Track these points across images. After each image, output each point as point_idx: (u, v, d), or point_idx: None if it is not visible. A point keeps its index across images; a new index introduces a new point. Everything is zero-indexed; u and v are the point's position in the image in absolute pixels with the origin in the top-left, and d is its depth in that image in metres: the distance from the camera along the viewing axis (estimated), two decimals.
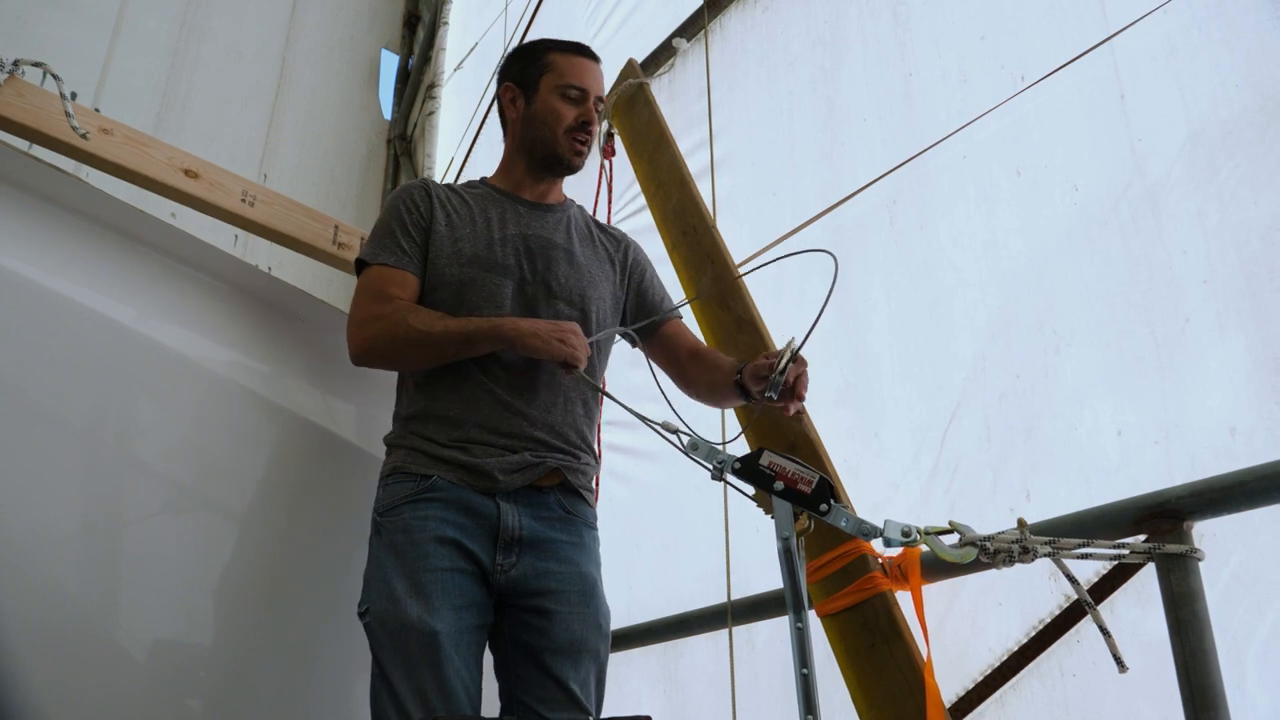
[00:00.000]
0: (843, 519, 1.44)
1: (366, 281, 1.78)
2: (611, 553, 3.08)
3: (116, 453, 1.78)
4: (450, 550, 1.63)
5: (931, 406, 2.23)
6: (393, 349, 1.72)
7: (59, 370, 1.71)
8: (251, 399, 1.94)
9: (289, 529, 1.94)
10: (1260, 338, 1.72)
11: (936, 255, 2.34)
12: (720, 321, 2.62)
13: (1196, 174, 1.87)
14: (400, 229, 1.80)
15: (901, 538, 1.42)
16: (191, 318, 1.91)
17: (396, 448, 1.75)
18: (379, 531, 1.69)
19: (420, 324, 1.68)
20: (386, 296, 1.74)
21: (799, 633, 1.43)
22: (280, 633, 1.91)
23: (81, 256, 1.77)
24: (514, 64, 1.95)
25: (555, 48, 1.93)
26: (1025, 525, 1.43)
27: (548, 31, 4.55)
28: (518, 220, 1.85)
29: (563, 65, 1.89)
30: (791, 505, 1.45)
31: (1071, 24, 2.17)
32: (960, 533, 1.42)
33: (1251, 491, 1.58)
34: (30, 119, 1.75)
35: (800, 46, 2.93)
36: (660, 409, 1.68)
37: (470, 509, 1.66)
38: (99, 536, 1.73)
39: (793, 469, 1.47)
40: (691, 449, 1.57)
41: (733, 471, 1.50)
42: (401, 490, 1.68)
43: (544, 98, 1.87)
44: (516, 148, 1.92)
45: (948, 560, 1.41)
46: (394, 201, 1.86)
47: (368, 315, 1.73)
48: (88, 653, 1.69)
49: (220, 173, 1.99)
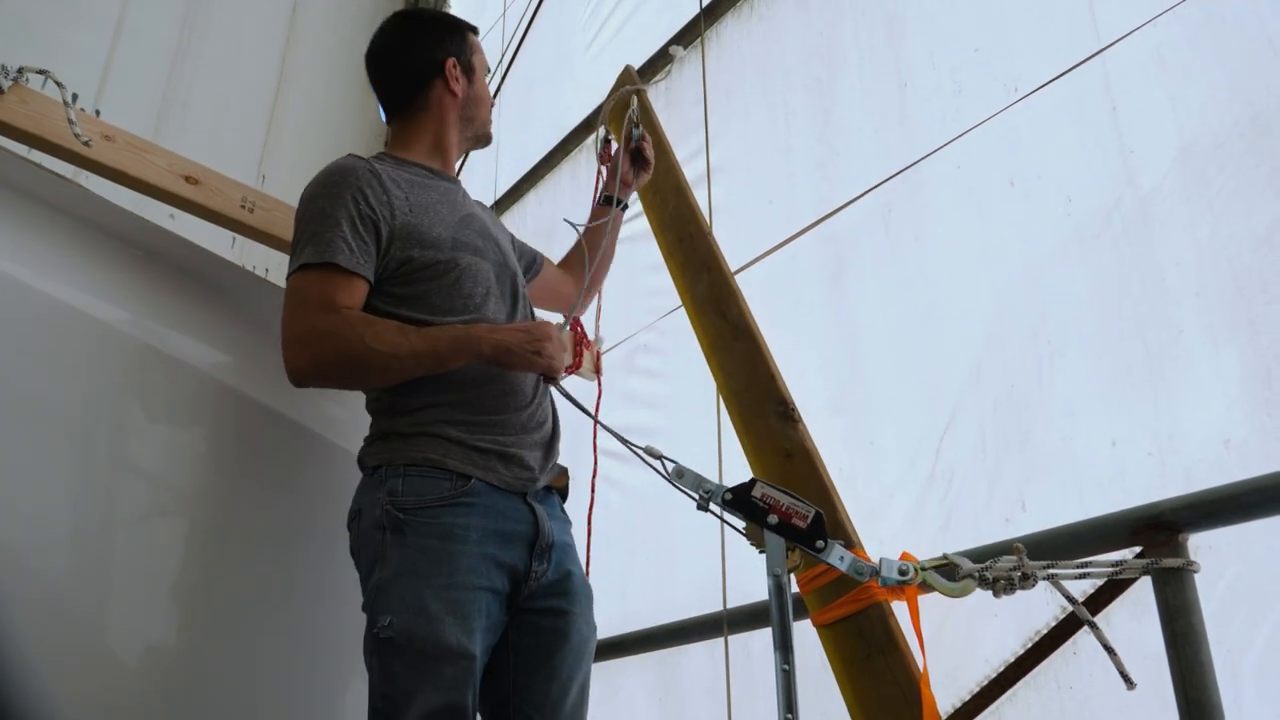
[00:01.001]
0: (838, 557, 1.40)
1: (307, 285, 1.56)
2: (606, 559, 3.09)
3: (111, 456, 1.77)
4: (488, 567, 1.53)
5: (927, 415, 2.23)
6: (347, 371, 1.57)
7: (53, 373, 1.71)
8: (246, 404, 1.94)
9: (285, 532, 1.94)
10: (1253, 349, 1.73)
11: (931, 264, 2.35)
12: (717, 328, 2.63)
13: (1188, 186, 1.88)
14: (349, 221, 1.58)
15: (899, 577, 1.38)
16: (186, 322, 1.91)
17: (417, 436, 1.58)
18: (400, 529, 1.51)
19: (381, 344, 1.52)
20: (333, 306, 1.54)
21: (784, 675, 1.37)
22: (273, 635, 1.90)
23: (76, 260, 1.77)
24: (451, 39, 1.87)
25: (469, 27, 1.93)
26: (1023, 552, 1.39)
27: (546, 37, 4.57)
28: (452, 198, 1.77)
29: (478, 46, 1.93)
30: (785, 541, 1.40)
31: (1063, 37, 2.18)
32: (957, 565, 1.38)
33: (1246, 504, 1.59)
34: (34, 125, 1.74)
35: (796, 56, 2.94)
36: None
37: (506, 515, 1.58)
38: (93, 539, 1.72)
39: (787, 502, 1.41)
40: (676, 477, 1.52)
41: (723, 503, 1.44)
42: (435, 488, 1.54)
43: (479, 79, 1.90)
44: (452, 124, 1.84)
45: (947, 595, 1.37)
46: (337, 187, 1.62)
47: (312, 330, 1.53)
48: (79, 656, 1.68)
49: (220, 179, 2.00)
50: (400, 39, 1.87)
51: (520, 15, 4.79)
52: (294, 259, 1.61)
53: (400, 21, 1.92)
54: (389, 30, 1.90)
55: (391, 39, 1.88)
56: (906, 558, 2.02)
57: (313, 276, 1.56)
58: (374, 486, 1.58)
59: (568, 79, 4.24)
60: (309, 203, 1.65)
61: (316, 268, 1.56)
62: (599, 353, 2.55)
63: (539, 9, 4.65)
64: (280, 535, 1.94)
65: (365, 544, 1.58)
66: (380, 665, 1.50)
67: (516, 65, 4.75)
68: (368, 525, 1.57)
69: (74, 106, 1.76)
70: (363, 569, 1.59)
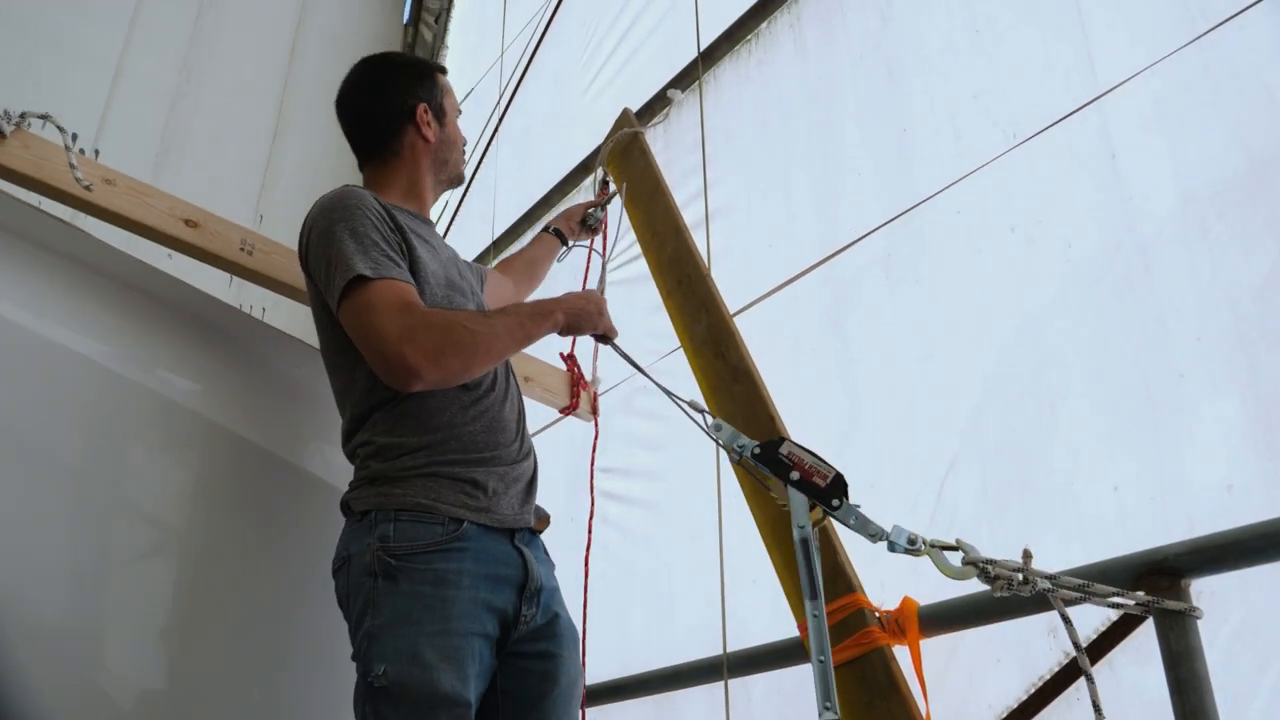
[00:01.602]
0: (851, 517, 1.46)
1: (377, 293, 1.52)
2: (605, 602, 3.06)
3: (107, 497, 1.77)
4: (481, 612, 1.52)
5: (928, 459, 2.23)
6: (461, 356, 1.53)
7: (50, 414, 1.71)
8: (242, 445, 1.94)
9: (281, 574, 1.93)
10: (1255, 395, 1.73)
11: (932, 308, 2.35)
12: (716, 370, 2.63)
13: (1188, 233, 1.90)
14: (384, 240, 1.60)
15: (907, 544, 1.42)
16: (183, 363, 1.91)
17: (409, 478, 1.56)
18: (392, 576, 1.49)
19: (478, 325, 1.56)
20: (412, 306, 1.53)
21: (815, 620, 1.43)
22: (268, 679, 1.89)
23: (73, 302, 1.78)
24: (420, 84, 1.87)
25: (438, 69, 1.94)
26: (1030, 556, 1.41)
27: (543, 79, 4.61)
28: (434, 240, 1.82)
29: (449, 87, 1.93)
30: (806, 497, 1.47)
31: (1061, 83, 2.21)
32: (965, 551, 1.41)
33: (1250, 549, 1.58)
34: (36, 170, 1.75)
35: (795, 100, 2.97)
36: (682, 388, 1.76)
37: (497, 559, 1.58)
38: (90, 579, 1.71)
39: (810, 461, 1.49)
40: (715, 429, 1.60)
41: (752, 456, 1.52)
42: (427, 533, 1.52)
43: (450, 121, 1.90)
44: (426, 169, 1.85)
45: (947, 575, 1.40)
46: (358, 210, 1.62)
47: (409, 328, 1.49)
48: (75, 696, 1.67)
49: (220, 222, 2.00)
50: (369, 85, 1.86)
51: (518, 57, 4.84)
52: (339, 276, 1.55)
53: (368, 68, 1.89)
54: (357, 76, 1.88)
55: (360, 85, 1.87)
56: (908, 603, 2.02)
57: (379, 285, 1.53)
58: (363, 532, 1.56)
59: (565, 121, 4.27)
60: (331, 228, 1.61)
61: (375, 280, 1.53)
62: (596, 394, 2.55)
63: (536, 51, 4.69)
64: (276, 577, 1.93)
65: (355, 591, 1.54)
66: (374, 714, 1.47)
67: (514, 107, 4.79)
68: (357, 571, 1.54)
69: (75, 150, 1.77)
70: (352, 617, 1.56)
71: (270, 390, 2.06)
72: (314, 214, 1.68)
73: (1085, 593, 1.41)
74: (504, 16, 5.29)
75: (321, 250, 1.61)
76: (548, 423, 3.60)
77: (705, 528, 2.71)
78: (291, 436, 2.04)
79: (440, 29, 6.28)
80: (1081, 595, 1.41)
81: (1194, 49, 1.98)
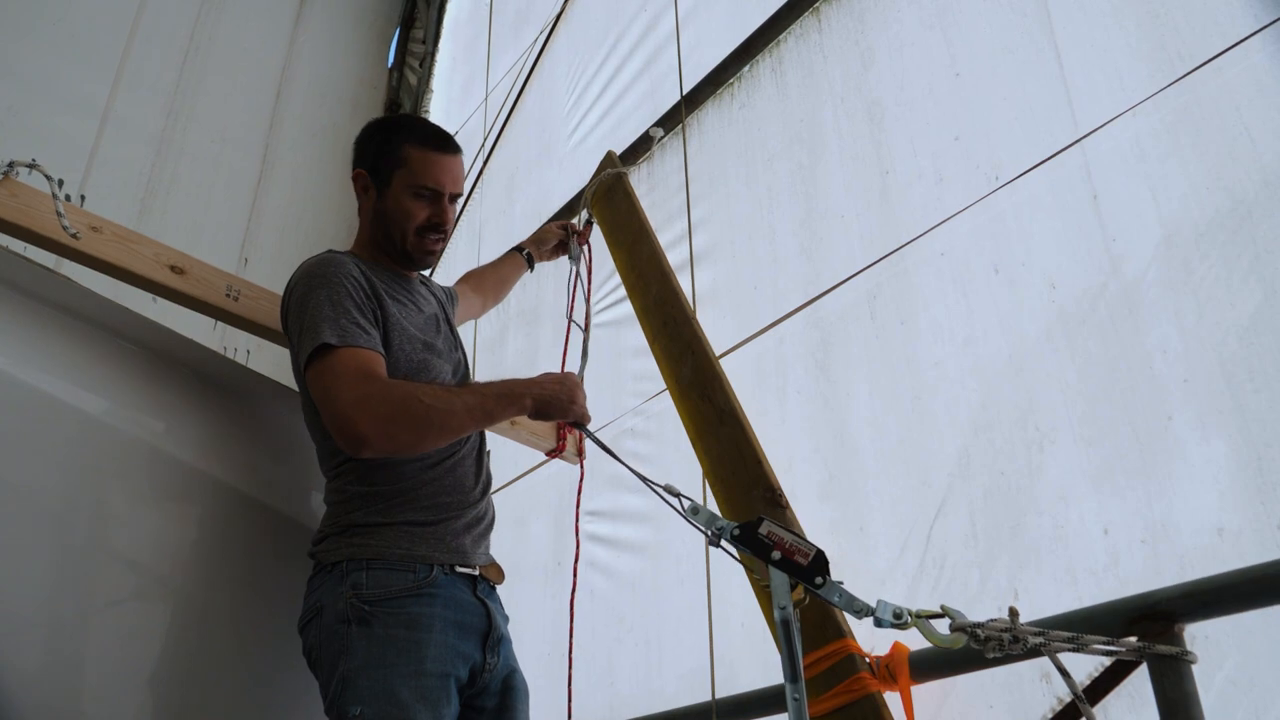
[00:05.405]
0: (835, 594, 1.43)
1: (340, 360, 1.56)
2: (593, 647, 3.03)
3: (90, 544, 1.75)
4: (450, 655, 1.56)
5: (917, 502, 2.22)
6: (411, 429, 1.54)
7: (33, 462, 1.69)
8: (226, 492, 1.92)
9: (265, 622, 1.90)
10: (1243, 438, 1.73)
11: (917, 350, 2.35)
12: (702, 413, 2.61)
13: (1172, 274, 1.91)
14: (355, 308, 1.63)
15: (893, 619, 1.40)
16: (167, 410, 1.89)
17: (380, 527, 1.61)
18: (366, 621, 1.53)
19: (437, 400, 1.56)
20: (374, 375, 1.57)
21: (796, 704, 1.42)
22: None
23: (57, 349, 1.77)
24: (368, 148, 1.83)
25: (412, 138, 1.80)
26: (1017, 614, 1.40)
27: (529, 125, 4.64)
28: (414, 297, 1.83)
29: (418, 162, 1.78)
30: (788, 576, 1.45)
31: (1042, 125, 2.23)
32: (951, 618, 1.40)
33: (1243, 594, 1.56)
34: (23, 218, 1.75)
35: (778, 143, 2.99)
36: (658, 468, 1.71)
37: (464, 607, 1.63)
38: (71, 627, 1.70)
39: (790, 540, 1.46)
40: (691, 513, 1.58)
41: (730, 539, 1.50)
42: (399, 580, 1.57)
43: (396, 194, 1.78)
44: (370, 237, 1.84)
45: (937, 645, 1.39)
46: (335, 277, 1.65)
47: (365, 396, 1.52)
48: None
49: (205, 268, 1.99)
50: (360, 136, 1.90)
51: (501, 102, 4.87)
52: (307, 341, 1.60)
53: (371, 121, 1.94)
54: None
55: (359, 135, 1.92)
56: (899, 648, 2.00)
57: (342, 353, 1.57)
58: (335, 581, 1.59)
59: (550, 165, 4.29)
60: (309, 294, 1.65)
61: (340, 348, 1.57)
62: (582, 436, 2.53)
63: (520, 98, 4.73)
64: (258, 623, 1.90)
65: (328, 640, 1.57)
66: None
67: (499, 150, 4.81)
68: (330, 620, 1.57)
69: (61, 198, 1.77)
70: (324, 667, 1.57)
71: (253, 435, 2.04)
72: (296, 277, 1.74)
73: (1077, 645, 1.40)
74: (488, 62, 5.34)
75: (298, 315, 1.66)
76: (533, 465, 3.58)
77: (693, 572, 2.69)
78: (274, 481, 2.02)
79: (425, 73, 6.32)
80: (1074, 648, 1.40)
81: (1173, 91, 2.00)
